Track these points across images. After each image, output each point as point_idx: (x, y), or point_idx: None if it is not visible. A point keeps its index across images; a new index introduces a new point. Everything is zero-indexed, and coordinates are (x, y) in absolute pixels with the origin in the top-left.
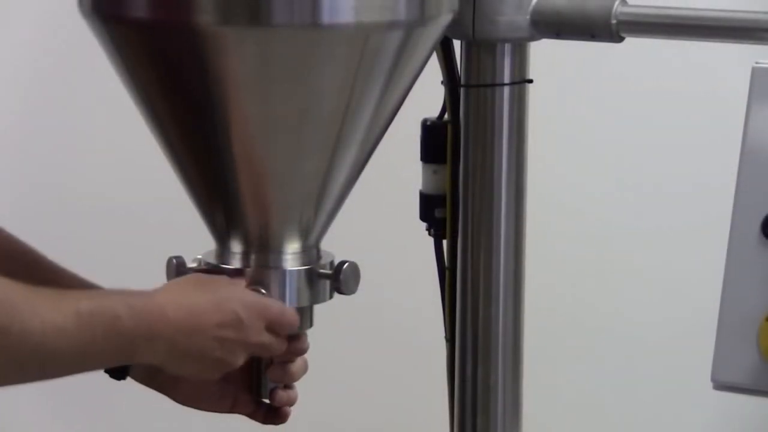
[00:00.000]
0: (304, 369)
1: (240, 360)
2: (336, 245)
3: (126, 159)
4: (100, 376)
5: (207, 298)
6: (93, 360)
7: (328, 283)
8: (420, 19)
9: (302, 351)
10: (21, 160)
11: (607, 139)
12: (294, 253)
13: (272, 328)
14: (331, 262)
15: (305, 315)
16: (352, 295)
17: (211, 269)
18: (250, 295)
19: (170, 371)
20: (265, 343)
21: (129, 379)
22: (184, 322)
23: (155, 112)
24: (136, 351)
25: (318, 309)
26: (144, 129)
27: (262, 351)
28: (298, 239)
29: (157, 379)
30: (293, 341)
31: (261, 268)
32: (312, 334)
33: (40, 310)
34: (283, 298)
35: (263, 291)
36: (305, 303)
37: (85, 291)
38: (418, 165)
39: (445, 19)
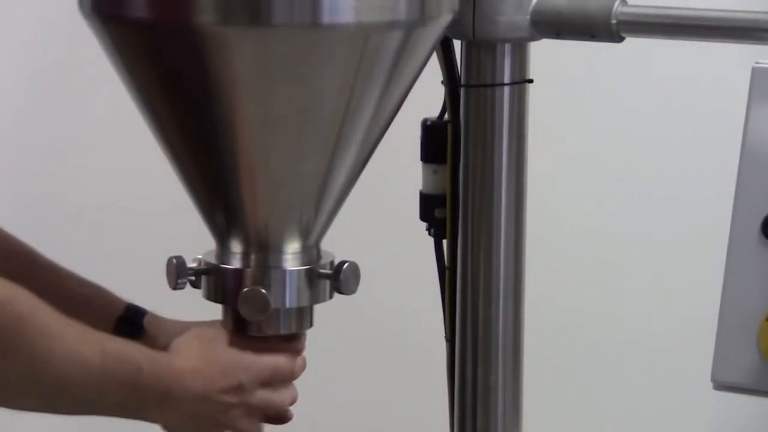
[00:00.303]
0: (302, 368)
1: (240, 422)
2: (336, 245)
3: (126, 159)
4: None
5: (216, 363)
6: (103, 403)
7: (328, 283)
8: (420, 19)
9: (299, 351)
10: (21, 159)
11: (607, 138)
12: (294, 253)
13: (269, 384)
14: (331, 262)
15: (305, 315)
16: (352, 295)
17: (211, 269)
18: (246, 359)
19: (169, 429)
20: (264, 401)
21: None
22: (198, 390)
23: (155, 113)
24: (147, 409)
25: (318, 309)
26: (144, 129)
27: (267, 409)
28: (298, 239)
29: None
30: (292, 341)
31: (261, 268)
32: (312, 334)
33: (67, 337)
34: (283, 297)
35: (263, 291)
36: (305, 303)
37: (110, 336)
38: (418, 165)
39: (445, 19)
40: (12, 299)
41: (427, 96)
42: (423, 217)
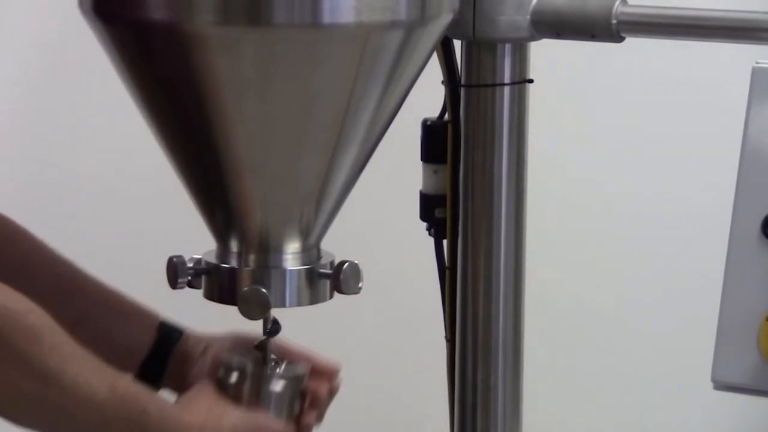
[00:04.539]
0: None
1: None
2: (336, 245)
3: (126, 159)
4: None
5: (226, 421)
6: None
7: (328, 282)
8: (420, 19)
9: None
10: (20, 160)
11: (607, 138)
12: (294, 253)
13: None
14: (332, 262)
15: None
16: (352, 295)
17: (211, 269)
18: (257, 419)
19: None
20: None
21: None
22: None
23: (155, 112)
24: None
25: (319, 309)
26: (144, 128)
27: None
28: (299, 239)
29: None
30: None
31: (261, 268)
32: (312, 334)
33: (78, 363)
34: (283, 297)
35: (263, 290)
36: (305, 303)
37: (124, 375)
38: (418, 165)
39: (445, 19)
40: (28, 311)
41: (427, 96)
42: (423, 217)
